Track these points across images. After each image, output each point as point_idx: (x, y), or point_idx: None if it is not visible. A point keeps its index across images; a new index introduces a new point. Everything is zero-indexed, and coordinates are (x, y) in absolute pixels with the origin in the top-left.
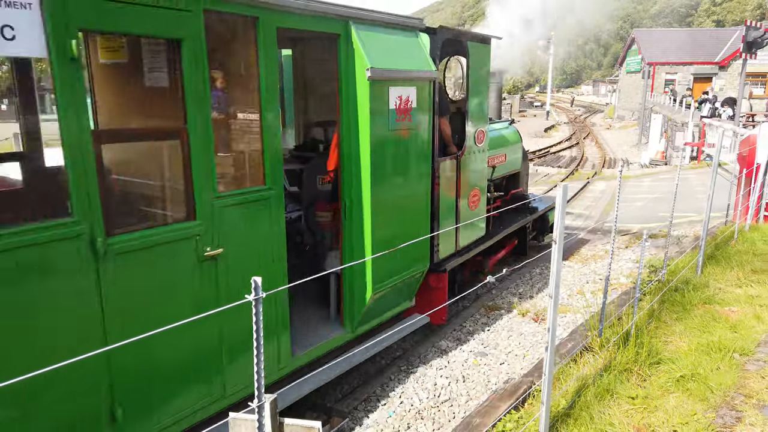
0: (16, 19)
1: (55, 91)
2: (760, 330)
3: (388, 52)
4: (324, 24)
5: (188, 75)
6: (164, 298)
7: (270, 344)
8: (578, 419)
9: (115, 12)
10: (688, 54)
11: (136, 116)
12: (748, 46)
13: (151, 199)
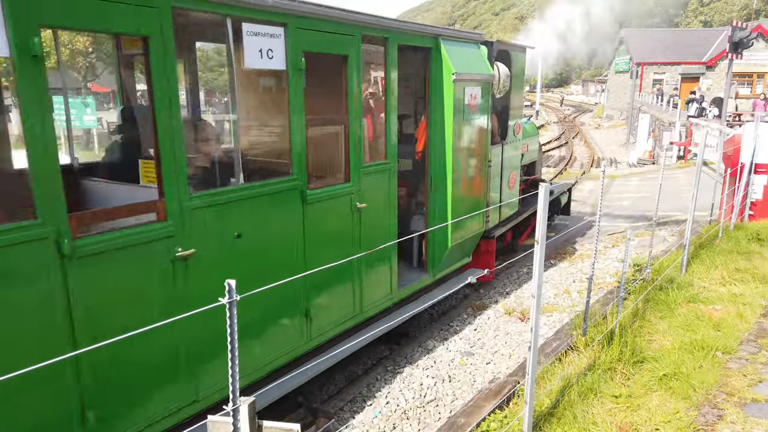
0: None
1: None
2: (743, 328)
3: (463, 60)
4: (423, 41)
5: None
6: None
7: (387, 279)
8: (562, 418)
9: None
10: (676, 54)
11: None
12: (734, 47)
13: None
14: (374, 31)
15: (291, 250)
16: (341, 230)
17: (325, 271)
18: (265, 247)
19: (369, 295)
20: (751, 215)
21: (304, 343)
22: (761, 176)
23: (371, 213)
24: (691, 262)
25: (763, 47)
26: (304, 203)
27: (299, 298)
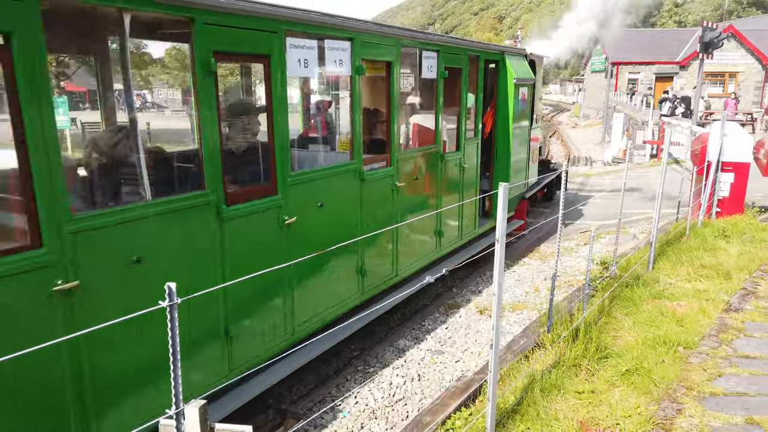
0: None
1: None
2: (705, 323)
3: (518, 68)
4: (495, 56)
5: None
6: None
7: (473, 218)
8: (525, 415)
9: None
10: (650, 54)
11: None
12: (704, 47)
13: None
14: (453, 49)
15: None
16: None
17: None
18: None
19: (465, 228)
20: (718, 212)
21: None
22: (728, 174)
23: (472, 168)
24: (659, 259)
25: (734, 47)
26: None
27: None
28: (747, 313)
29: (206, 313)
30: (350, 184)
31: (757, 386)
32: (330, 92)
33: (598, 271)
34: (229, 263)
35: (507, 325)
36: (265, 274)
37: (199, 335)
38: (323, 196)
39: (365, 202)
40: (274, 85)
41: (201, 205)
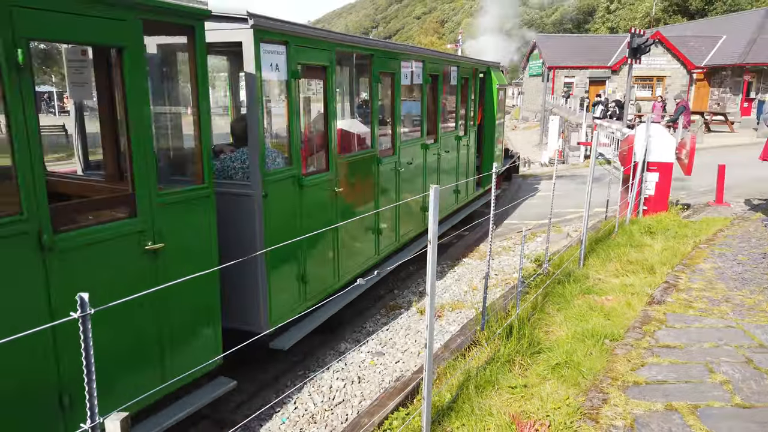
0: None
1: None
2: (630, 316)
3: (497, 77)
4: (485, 68)
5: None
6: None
7: (472, 186)
8: (460, 411)
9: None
10: (584, 58)
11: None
12: (633, 52)
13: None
14: (466, 65)
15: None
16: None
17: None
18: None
19: (468, 192)
20: (644, 210)
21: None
22: (653, 174)
23: (489, 153)
24: (589, 255)
25: (661, 53)
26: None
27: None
28: (669, 305)
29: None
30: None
31: (676, 374)
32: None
33: (532, 269)
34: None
35: (446, 324)
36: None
37: (126, 346)
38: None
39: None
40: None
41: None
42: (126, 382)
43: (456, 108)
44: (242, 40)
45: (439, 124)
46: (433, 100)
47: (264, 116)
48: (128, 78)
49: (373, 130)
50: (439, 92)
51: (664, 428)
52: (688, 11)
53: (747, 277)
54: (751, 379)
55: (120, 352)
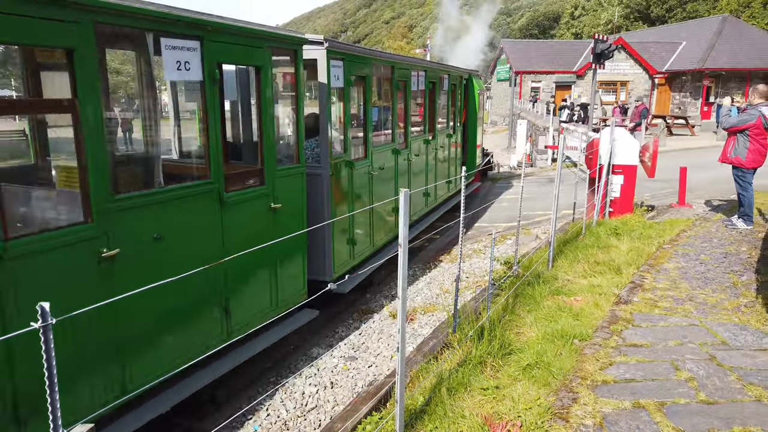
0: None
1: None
2: (598, 316)
3: (477, 83)
4: (467, 75)
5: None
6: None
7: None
8: (433, 414)
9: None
10: (550, 63)
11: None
12: (596, 58)
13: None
14: (455, 73)
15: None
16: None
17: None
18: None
19: (456, 182)
20: (611, 212)
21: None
22: (618, 176)
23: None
24: (558, 257)
25: (624, 58)
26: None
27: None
28: (635, 304)
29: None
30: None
31: (642, 372)
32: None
33: (503, 271)
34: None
35: (419, 327)
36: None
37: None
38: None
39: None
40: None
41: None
42: (256, 301)
43: (447, 109)
44: (317, 58)
45: (435, 123)
46: (431, 103)
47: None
48: (264, 91)
49: (393, 128)
50: (436, 96)
51: (632, 426)
52: (649, 18)
53: (709, 276)
54: (714, 375)
55: (253, 283)
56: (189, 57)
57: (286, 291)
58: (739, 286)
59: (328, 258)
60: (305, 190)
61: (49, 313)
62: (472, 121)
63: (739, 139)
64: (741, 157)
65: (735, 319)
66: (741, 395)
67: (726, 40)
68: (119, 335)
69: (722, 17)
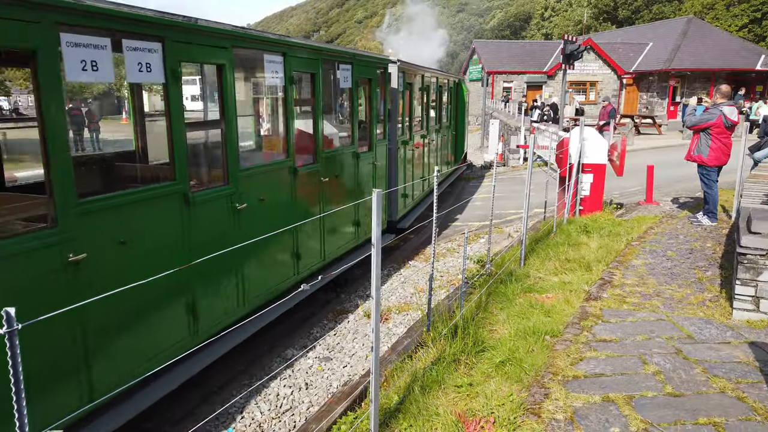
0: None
1: None
2: (569, 312)
3: (465, 87)
4: (458, 80)
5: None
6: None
7: (452, 159)
8: (407, 413)
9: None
10: (522, 64)
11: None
12: (566, 58)
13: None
14: (452, 79)
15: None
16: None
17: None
18: None
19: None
20: (581, 210)
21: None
22: (588, 175)
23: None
24: (529, 255)
25: (593, 59)
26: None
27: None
28: (604, 300)
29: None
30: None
31: (612, 367)
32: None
33: (476, 270)
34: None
35: (393, 326)
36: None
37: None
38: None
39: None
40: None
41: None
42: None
43: (448, 108)
44: (392, 72)
45: (439, 119)
46: (440, 103)
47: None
48: (373, 99)
49: (426, 119)
50: (441, 98)
51: (602, 419)
52: (617, 19)
53: (676, 272)
54: (680, 368)
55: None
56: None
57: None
58: (704, 282)
59: (396, 206)
60: (388, 155)
61: (14, 318)
62: (462, 118)
63: (702, 137)
64: (703, 155)
65: (700, 314)
66: (706, 387)
67: (691, 42)
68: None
69: (687, 19)
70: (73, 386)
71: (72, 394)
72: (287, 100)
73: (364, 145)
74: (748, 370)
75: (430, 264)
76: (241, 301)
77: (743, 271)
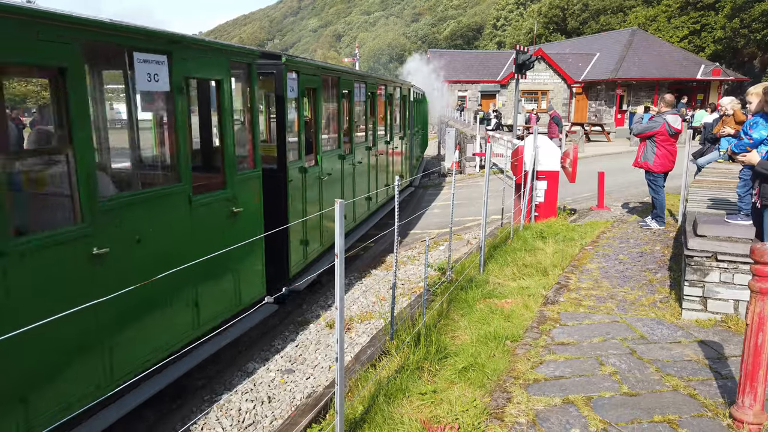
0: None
1: None
2: (528, 317)
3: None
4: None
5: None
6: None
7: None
8: (373, 422)
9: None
10: (476, 73)
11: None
12: (518, 68)
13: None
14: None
15: None
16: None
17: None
18: None
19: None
20: (536, 216)
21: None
22: (542, 182)
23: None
24: (488, 261)
25: (544, 68)
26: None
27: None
28: (561, 304)
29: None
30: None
31: (571, 369)
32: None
33: (437, 277)
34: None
35: (356, 335)
36: (74, 314)
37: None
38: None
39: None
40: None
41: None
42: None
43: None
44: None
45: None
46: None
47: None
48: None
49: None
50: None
51: (563, 421)
52: (566, 30)
53: (628, 274)
54: (635, 368)
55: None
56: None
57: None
58: (655, 283)
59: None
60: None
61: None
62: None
63: (648, 144)
64: (649, 162)
65: (652, 314)
66: (660, 386)
67: (635, 52)
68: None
69: (631, 30)
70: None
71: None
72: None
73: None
74: (699, 367)
75: (392, 273)
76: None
77: (691, 272)
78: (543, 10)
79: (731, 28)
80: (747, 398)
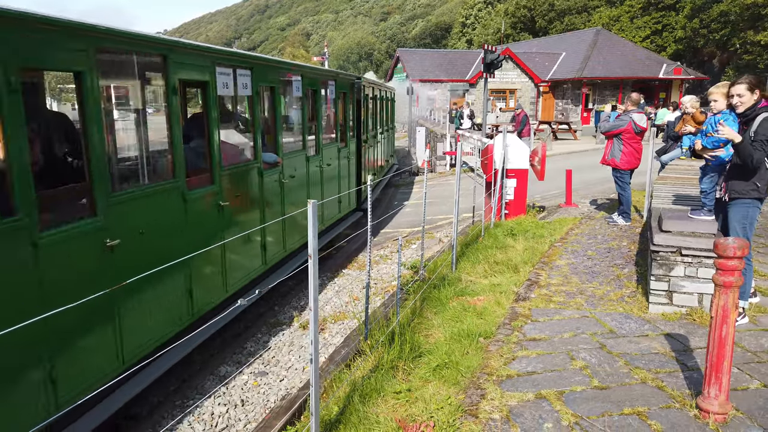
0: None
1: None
2: (500, 314)
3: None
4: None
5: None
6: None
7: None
8: (348, 423)
9: None
10: (445, 72)
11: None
12: (487, 67)
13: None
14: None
15: None
16: None
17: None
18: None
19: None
20: (506, 214)
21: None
22: (512, 180)
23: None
24: (460, 259)
25: (512, 67)
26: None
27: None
28: (532, 300)
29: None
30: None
31: (543, 364)
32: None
33: (410, 276)
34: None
35: (329, 336)
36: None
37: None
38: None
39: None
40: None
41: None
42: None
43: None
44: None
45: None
46: (380, 108)
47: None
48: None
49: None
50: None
51: (536, 416)
52: (534, 29)
53: (596, 270)
54: (605, 362)
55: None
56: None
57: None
58: (622, 278)
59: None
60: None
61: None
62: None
63: (615, 142)
64: (616, 159)
65: (620, 309)
66: (629, 379)
67: (600, 52)
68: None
69: (596, 30)
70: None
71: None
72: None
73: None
74: (666, 360)
75: (365, 272)
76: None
77: (657, 267)
78: (510, 10)
79: (691, 29)
80: (713, 389)
